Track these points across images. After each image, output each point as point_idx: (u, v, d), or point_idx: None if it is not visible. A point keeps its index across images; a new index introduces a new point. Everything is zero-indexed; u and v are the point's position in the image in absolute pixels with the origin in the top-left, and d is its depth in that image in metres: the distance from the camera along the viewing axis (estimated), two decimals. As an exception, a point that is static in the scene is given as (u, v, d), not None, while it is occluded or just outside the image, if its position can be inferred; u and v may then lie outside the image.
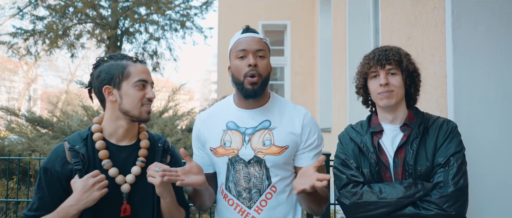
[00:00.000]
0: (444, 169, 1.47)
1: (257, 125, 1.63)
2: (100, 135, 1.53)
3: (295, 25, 8.40)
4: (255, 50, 1.58)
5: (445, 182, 1.45)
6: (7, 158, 2.48)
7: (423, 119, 1.59)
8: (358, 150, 1.62)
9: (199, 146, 1.74)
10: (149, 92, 1.53)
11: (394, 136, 1.59)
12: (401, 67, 1.56)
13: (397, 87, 1.56)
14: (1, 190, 3.13)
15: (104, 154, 1.50)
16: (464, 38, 2.10)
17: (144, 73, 1.54)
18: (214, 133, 1.67)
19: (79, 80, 4.73)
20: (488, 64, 2.10)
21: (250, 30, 1.65)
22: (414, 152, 1.52)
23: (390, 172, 1.56)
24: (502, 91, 2.09)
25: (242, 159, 1.60)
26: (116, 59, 1.55)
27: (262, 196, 1.59)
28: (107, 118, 1.55)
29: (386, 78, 1.56)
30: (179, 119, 5.00)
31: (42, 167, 1.49)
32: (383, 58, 1.56)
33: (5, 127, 4.52)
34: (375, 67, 1.58)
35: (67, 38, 10.20)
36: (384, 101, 1.57)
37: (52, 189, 1.46)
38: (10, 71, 27.19)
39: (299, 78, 8.34)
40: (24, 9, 10.17)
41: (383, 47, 1.63)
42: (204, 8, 10.85)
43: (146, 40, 11.09)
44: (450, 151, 1.49)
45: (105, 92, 1.53)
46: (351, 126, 1.73)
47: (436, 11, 2.32)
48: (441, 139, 1.52)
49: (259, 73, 1.57)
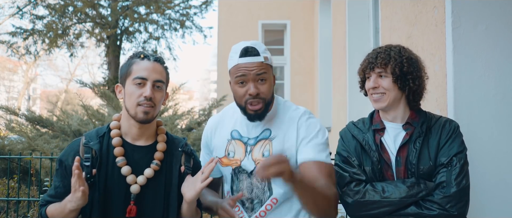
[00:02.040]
0: (447, 169, 1.47)
1: (258, 134, 1.61)
2: (117, 131, 1.52)
3: (295, 24, 8.40)
4: (255, 75, 1.52)
5: (448, 182, 1.45)
6: (8, 157, 2.49)
7: (426, 118, 1.59)
8: (360, 147, 1.62)
9: (207, 151, 1.76)
10: (146, 91, 1.45)
11: (396, 134, 1.59)
12: (391, 71, 1.55)
13: (387, 89, 1.56)
14: (2, 189, 3.13)
15: (119, 151, 1.49)
16: (464, 37, 2.10)
17: (146, 70, 1.47)
18: (220, 141, 1.68)
19: (78, 80, 4.74)
20: (488, 64, 2.10)
21: (248, 53, 1.53)
22: (417, 151, 1.52)
23: (392, 170, 1.56)
24: (502, 90, 2.09)
25: (245, 170, 1.60)
26: (131, 57, 1.54)
27: (263, 207, 1.59)
28: (123, 116, 1.55)
29: (376, 81, 1.57)
30: (178, 118, 5.00)
31: (58, 159, 1.53)
32: (373, 61, 1.58)
33: (5, 126, 4.52)
34: (367, 69, 1.60)
35: (67, 37, 10.21)
36: (375, 104, 1.60)
37: (65, 181, 1.47)
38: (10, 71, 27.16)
39: (298, 78, 8.34)
40: (23, 8, 10.18)
41: (378, 49, 1.63)
42: (204, 7, 10.86)
43: (145, 39, 11.11)
44: (453, 151, 1.49)
45: (117, 90, 1.55)
46: (352, 122, 1.73)
47: (436, 11, 2.33)
48: (443, 139, 1.53)
49: (262, 98, 1.54)
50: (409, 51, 1.62)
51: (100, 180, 1.46)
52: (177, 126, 4.82)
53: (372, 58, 1.59)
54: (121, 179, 1.47)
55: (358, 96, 4.85)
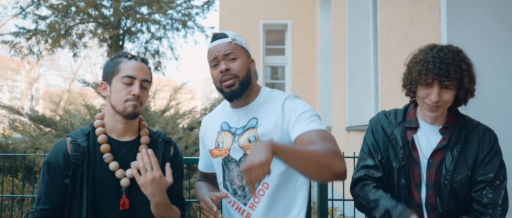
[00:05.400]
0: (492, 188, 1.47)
1: (245, 124, 1.64)
2: (102, 129, 1.56)
3: (295, 24, 8.43)
4: (224, 55, 1.58)
5: (494, 204, 1.46)
6: (12, 155, 2.54)
7: (464, 124, 1.55)
8: (388, 141, 1.60)
9: (202, 146, 1.82)
10: (135, 89, 1.50)
11: (431, 136, 1.56)
12: (458, 85, 1.44)
13: (447, 102, 1.48)
14: (6, 187, 3.18)
15: (105, 148, 1.53)
16: (459, 37, 2.13)
17: (134, 69, 1.53)
18: (211, 135, 1.73)
19: (81, 79, 4.79)
20: (483, 63, 2.13)
21: (217, 37, 1.64)
22: (455, 158, 1.49)
23: (420, 169, 1.54)
24: (497, 89, 2.13)
25: (234, 159, 1.64)
26: (117, 57, 1.58)
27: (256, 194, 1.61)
28: (107, 113, 1.59)
29: (439, 95, 1.45)
30: (180, 117, 5.05)
31: (45, 161, 1.52)
32: (444, 74, 1.42)
33: (8, 125, 4.57)
34: (431, 78, 1.44)
35: (69, 37, 10.26)
36: (428, 113, 1.52)
37: (56, 182, 1.49)
38: (13, 71, 27.28)
39: (299, 78, 8.38)
40: (26, 8, 10.24)
41: (444, 58, 1.44)
42: (206, 7, 10.90)
43: (148, 39, 11.16)
44: (496, 167, 1.49)
45: (101, 87, 1.58)
46: (384, 113, 1.69)
47: (432, 11, 2.37)
48: (484, 150, 1.51)
49: (235, 75, 1.57)
50: (468, 59, 1.51)
51: (88, 177, 1.49)
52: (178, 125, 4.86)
53: (442, 71, 1.41)
54: (109, 175, 1.51)
55: (358, 96, 4.89)
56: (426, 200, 1.53)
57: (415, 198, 1.55)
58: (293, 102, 1.59)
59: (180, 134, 4.36)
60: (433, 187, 1.52)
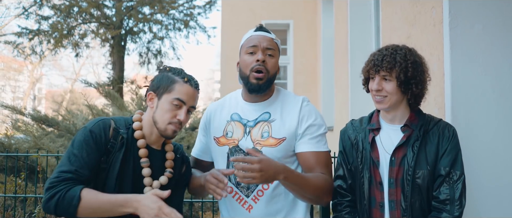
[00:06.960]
0: (449, 183, 1.51)
1: (257, 117, 1.68)
2: (141, 133, 1.56)
3: (297, 24, 8.42)
4: (265, 48, 1.64)
5: (451, 200, 1.49)
6: (15, 155, 2.54)
7: (424, 121, 1.60)
8: (352, 147, 1.67)
9: (204, 133, 1.82)
10: (181, 114, 1.52)
11: (393, 135, 1.61)
12: (396, 76, 1.54)
13: (390, 93, 1.56)
14: (9, 187, 3.20)
15: (144, 153, 1.54)
16: (462, 37, 2.13)
17: (187, 95, 1.53)
18: (219, 122, 1.74)
19: (83, 80, 4.80)
20: (485, 63, 2.13)
21: (263, 29, 1.72)
22: (415, 154, 1.54)
23: (380, 168, 1.59)
24: (499, 89, 2.12)
25: (242, 150, 1.66)
26: (173, 73, 1.57)
27: (259, 186, 1.63)
28: (145, 120, 1.59)
29: (379, 84, 1.57)
30: (182, 117, 5.05)
31: (89, 129, 1.48)
32: (378, 63, 1.56)
33: (11, 125, 4.58)
34: (372, 70, 1.59)
35: (72, 37, 10.29)
36: (377, 105, 1.62)
37: (93, 152, 1.45)
38: (15, 71, 27.35)
39: (301, 77, 8.37)
40: (29, 9, 10.27)
41: (383, 50, 1.61)
42: (208, 7, 10.91)
43: (150, 39, 11.19)
44: (455, 163, 1.53)
45: (148, 97, 1.58)
46: (351, 121, 1.76)
47: (434, 11, 2.36)
48: (443, 146, 1.55)
49: (267, 70, 1.62)
50: (415, 54, 1.61)
51: (115, 168, 1.48)
52: (180, 125, 4.86)
53: (377, 61, 1.57)
54: (135, 176, 1.52)
55: (360, 96, 4.87)
56: (389, 197, 1.57)
57: (377, 197, 1.60)
58: (308, 109, 1.68)
59: (182, 134, 4.37)
60: (396, 183, 1.56)
